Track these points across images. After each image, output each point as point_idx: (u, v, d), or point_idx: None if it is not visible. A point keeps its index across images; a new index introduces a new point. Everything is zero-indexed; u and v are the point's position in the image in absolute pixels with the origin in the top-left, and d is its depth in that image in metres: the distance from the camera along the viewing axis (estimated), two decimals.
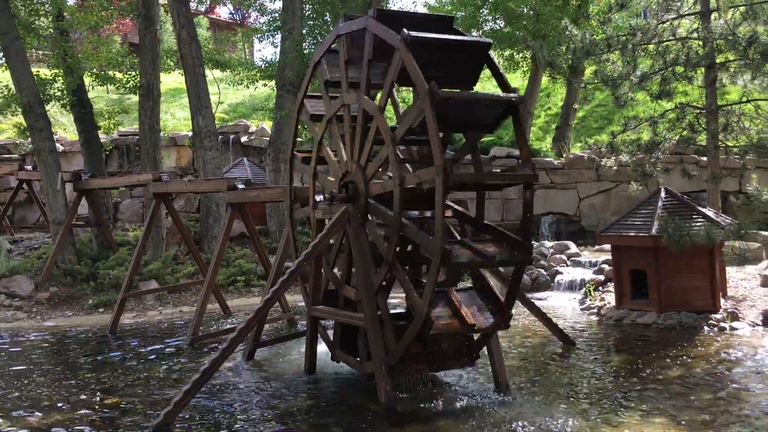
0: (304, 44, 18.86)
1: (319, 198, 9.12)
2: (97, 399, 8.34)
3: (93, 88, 19.32)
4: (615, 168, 14.42)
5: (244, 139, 23.45)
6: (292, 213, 9.86)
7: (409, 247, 8.93)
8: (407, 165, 8.77)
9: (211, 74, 24.93)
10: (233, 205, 11.38)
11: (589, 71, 16.62)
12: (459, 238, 8.13)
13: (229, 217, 11.50)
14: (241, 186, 11.53)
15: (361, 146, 8.22)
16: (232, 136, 23.51)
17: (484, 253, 7.25)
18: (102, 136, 20.27)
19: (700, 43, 12.11)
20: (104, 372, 9.61)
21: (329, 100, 8.89)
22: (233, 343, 7.70)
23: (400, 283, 7.85)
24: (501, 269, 9.37)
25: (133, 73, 19.05)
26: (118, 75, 19.47)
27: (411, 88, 10.63)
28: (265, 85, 23.08)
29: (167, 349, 10.88)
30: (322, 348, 9.21)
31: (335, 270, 9.18)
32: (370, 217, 8.26)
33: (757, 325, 10.40)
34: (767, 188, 8.03)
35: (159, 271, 15.41)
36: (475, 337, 8.25)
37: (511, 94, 7.48)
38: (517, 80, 25.69)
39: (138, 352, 10.81)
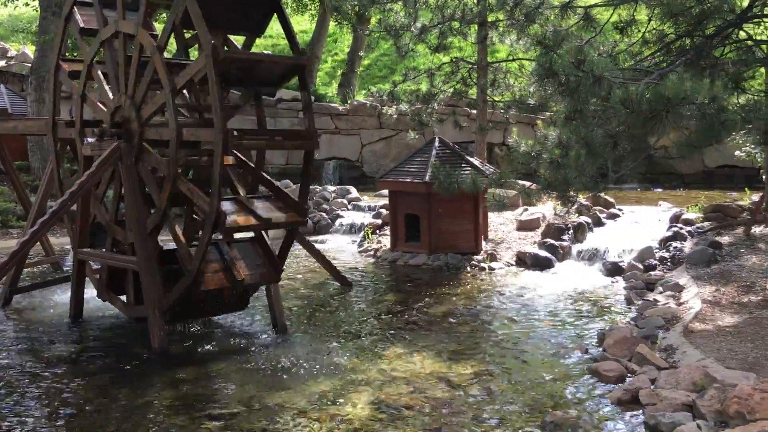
0: None
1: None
2: None
3: None
4: (395, 116, 15.00)
5: (1, 63, 20.96)
6: (56, 147, 9.06)
7: None
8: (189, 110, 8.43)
9: None
10: None
11: (374, 20, 16.97)
12: (237, 191, 8.03)
13: None
14: None
15: (137, 83, 7.70)
16: None
17: (259, 216, 7.32)
18: None
19: (475, 0, 12.84)
20: None
21: (103, 19, 8.14)
22: None
23: (172, 236, 7.66)
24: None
25: None
26: None
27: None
28: (27, 4, 20.73)
29: None
30: (90, 293, 8.69)
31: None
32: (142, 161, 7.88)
33: (512, 265, 11.53)
34: (525, 141, 8.79)
35: None
36: None
37: (298, 56, 7.48)
38: (305, 23, 25.56)
39: None
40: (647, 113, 5.79)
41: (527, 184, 9.86)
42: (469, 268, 11.38)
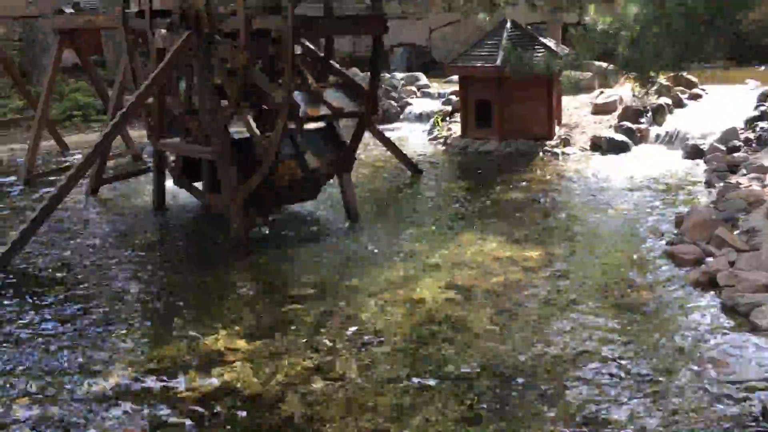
0: None
1: None
2: None
3: None
4: None
5: None
6: (128, 40, 9.15)
7: None
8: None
9: None
10: (62, 33, 10.41)
11: None
12: (307, 80, 7.98)
13: (57, 45, 10.53)
14: (69, 10, 10.50)
15: None
16: None
17: (331, 105, 7.34)
18: None
19: None
20: None
21: None
22: (71, 180, 7.33)
23: (245, 126, 7.77)
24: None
25: None
26: None
27: None
28: None
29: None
30: (170, 184, 9.01)
31: None
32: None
33: (586, 150, 11.24)
34: (603, 18, 8.33)
35: None
36: None
37: None
38: None
39: None
40: None
41: (604, 65, 9.42)
42: (541, 154, 11.16)
